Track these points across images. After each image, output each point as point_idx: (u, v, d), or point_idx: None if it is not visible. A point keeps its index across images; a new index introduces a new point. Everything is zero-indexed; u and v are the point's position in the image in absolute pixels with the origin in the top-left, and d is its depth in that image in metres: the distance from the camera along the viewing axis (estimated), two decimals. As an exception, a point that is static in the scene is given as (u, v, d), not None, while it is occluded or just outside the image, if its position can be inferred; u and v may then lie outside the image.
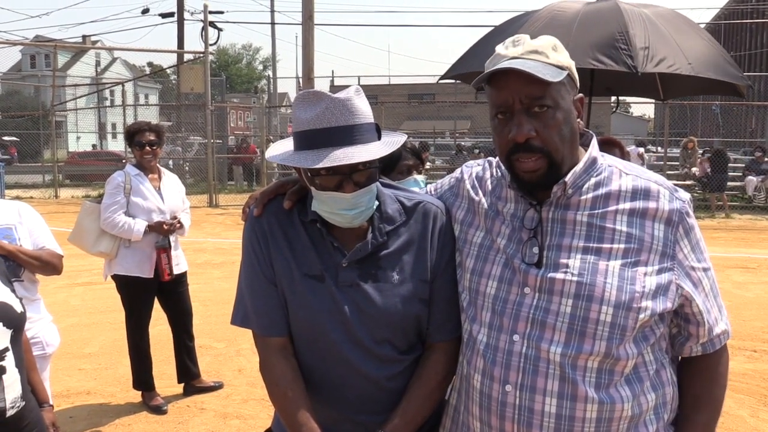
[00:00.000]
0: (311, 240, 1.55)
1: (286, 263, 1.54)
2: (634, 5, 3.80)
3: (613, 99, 5.74)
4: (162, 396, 4.48)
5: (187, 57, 18.46)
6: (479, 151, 17.41)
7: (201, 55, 17.04)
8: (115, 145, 32.60)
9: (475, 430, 1.47)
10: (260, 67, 73.23)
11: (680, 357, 1.53)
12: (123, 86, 20.75)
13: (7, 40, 22.31)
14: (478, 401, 1.46)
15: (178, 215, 4.50)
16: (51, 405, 2.34)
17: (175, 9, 22.96)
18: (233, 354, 5.42)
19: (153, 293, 4.46)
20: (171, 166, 18.51)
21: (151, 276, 4.36)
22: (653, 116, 49.79)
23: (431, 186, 1.75)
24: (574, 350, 1.36)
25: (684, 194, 1.46)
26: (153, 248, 4.35)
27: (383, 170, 2.00)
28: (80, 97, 25.01)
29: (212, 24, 19.25)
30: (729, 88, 4.18)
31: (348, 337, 1.51)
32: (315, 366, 1.55)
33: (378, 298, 1.51)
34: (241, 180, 20.51)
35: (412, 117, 33.81)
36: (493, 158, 1.61)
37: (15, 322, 2.02)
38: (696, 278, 1.42)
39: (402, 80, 41.34)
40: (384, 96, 30.31)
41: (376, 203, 1.52)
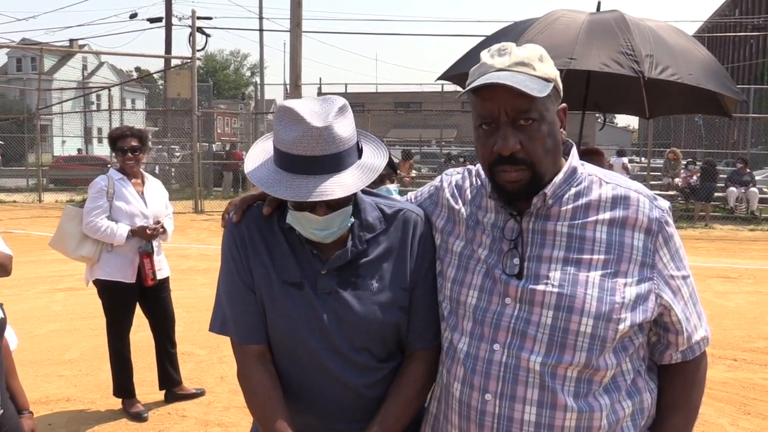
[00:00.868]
0: (290, 247, 1.54)
1: (265, 270, 1.53)
2: (637, 18, 3.85)
3: (601, 116, 5.77)
4: (143, 403, 4.44)
5: (175, 62, 18.42)
6: (464, 160, 17.45)
7: (188, 61, 16.97)
8: (101, 150, 32.43)
9: (454, 439, 1.47)
10: (248, 74, 73.19)
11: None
12: (109, 91, 20.64)
13: (-7, 43, 22.11)
14: (458, 410, 1.46)
15: (162, 220, 4.48)
16: (30, 412, 2.31)
17: (164, 14, 22.94)
18: (215, 361, 5.38)
19: (135, 299, 4.43)
20: (157, 172, 18.41)
21: (134, 281, 4.33)
22: (637, 127, 50.28)
23: (411, 194, 1.74)
24: (554, 360, 1.37)
25: (663, 202, 1.46)
26: (136, 253, 4.33)
27: None
28: (66, 101, 24.85)
29: (200, 30, 19.20)
30: (715, 108, 4.21)
31: (327, 345, 1.50)
32: (293, 374, 1.54)
33: (357, 306, 1.51)
34: (230, 186, 20.43)
35: (399, 125, 33.84)
36: (473, 166, 1.60)
37: None
38: (675, 287, 1.43)
39: (389, 88, 41.48)
40: (371, 104, 30.31)
41: (352, 220, 1.51)
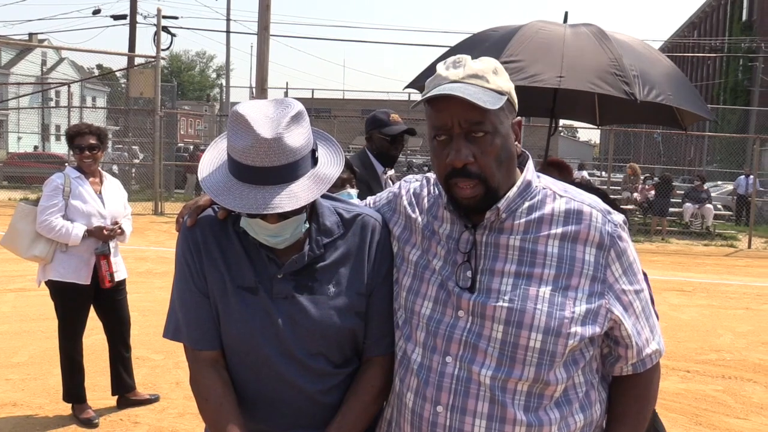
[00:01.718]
0: (245, 251, 1.51)
1: (220, 275, 1.50)
2: (615, 32, 3.71)
3: (561, 122, 5.77)
4: (94, 409, 4.31)
5: (138, 61, 18.06)
6: (428, 169, 17.57)
7: (152, 60, 16.70)
8: (59, 148, 31.60)
9: (407, 448, 1.46)
10: (213, 75, 72.56)
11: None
12: (69, 87, 20.27)
13: (-53, 34, 21.44)
14: (410, 420, 1.46)
15: (120, 221, 4.38)
16: None
17: (128, 11, 22.54)
18: (171, 366, 5.28)
19: (89, 301, 4.31)
20: (116, 172, 18.03)
21: (88, 282, 4.21)
22: (599, 141, 51.37)
23: (370, 199, 1.73)
24: (504, 374, 1.37)
25: (617, 216, 1.46)
26: (91, 254, 4.21)
27: None
28: (23, 96, 24.20)
29: (165, 29, 18.93)
30: (668, 120, 4.23)
31: (281, 351, 1.48)
32: (248, 380, 1.52)
33: (313, 311, 1.49)
34: (193, 189, 20.11)
35: (365, 132, 33.91)
36: (431, 174, 1.60)
37: None
38: (626, 301, 1.44)
39: (356, 95, 41.55)
40: (337, 110, 30.31)
41: (306, 226, 1.49)
